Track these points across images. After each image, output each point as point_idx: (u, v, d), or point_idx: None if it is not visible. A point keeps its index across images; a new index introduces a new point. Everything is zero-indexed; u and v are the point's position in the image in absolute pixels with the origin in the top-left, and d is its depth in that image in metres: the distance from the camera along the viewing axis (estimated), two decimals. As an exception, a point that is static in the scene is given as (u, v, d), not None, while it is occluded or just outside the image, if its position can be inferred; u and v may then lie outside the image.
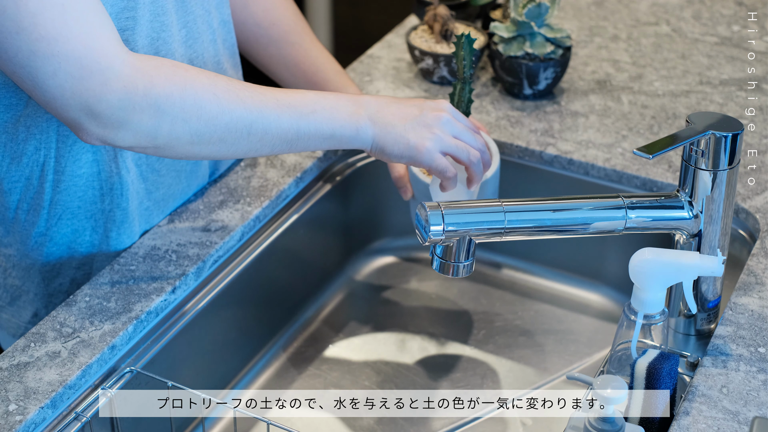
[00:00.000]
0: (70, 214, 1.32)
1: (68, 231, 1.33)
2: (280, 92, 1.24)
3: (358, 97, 1.27)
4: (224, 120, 1.19)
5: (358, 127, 1.26)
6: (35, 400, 1.14)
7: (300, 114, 1.23)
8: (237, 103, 1.20)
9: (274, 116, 1.22)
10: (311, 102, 1.24)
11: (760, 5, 1.94)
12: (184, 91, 1.16)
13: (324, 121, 1.24)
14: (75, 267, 1.36)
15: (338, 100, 1.26)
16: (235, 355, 1.45)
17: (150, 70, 1.15)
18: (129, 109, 1.14)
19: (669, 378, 1.16)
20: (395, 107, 1.27)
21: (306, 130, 1.24)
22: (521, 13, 1.61)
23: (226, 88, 1.20)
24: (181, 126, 1.17)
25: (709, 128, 1.19)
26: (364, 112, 1.26)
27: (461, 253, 1.17)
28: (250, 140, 1.22)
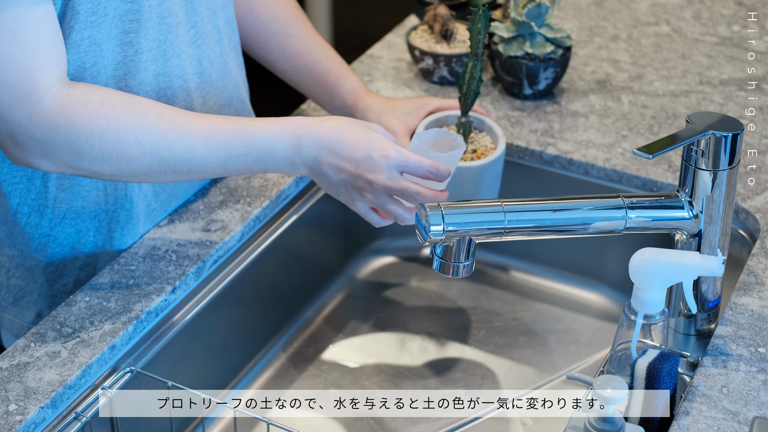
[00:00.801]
0: (74, 214, 1.32)
1: (72, 231, 1.33)
2: (212, 130, 1.21)
3: (299, 137, 1.22)
4: (146, 161, 1.19)
5: (292, 169, 1.25)
6: (35, 400, 1.14)
7: (230, 156, 1.21)
8: (161, 146, 1.18)
9: (200, 158, 1.20)
10: (244, 144, 1.21)
11: (760, 5, 1.94)
12: (104, 134, 1.16)
13: (255, 163, 1.23)
14: (79, 267, 1.36)
15: (275, 144, 1.22)
16: (235, 355, 1.45)
17: (76, 108, 1.15)
18: (50, 144, 1.15)
19: (669, 378, 1.16)
20: (333, 159, 1.23)
21: (235, 169, 1.23)
22: (521, 13, 1.61)
23: (152, 130, 1.18)
24: (101, 164, 1.18)
25: (709, 128, 1.19)
26: (300, 160, 1.23)
27: (461, 253, 1.17)
28: (176, 175, 1.22)
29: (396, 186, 1.23)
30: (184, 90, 1.33)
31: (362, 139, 1.23)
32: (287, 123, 1.23)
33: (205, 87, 1.37)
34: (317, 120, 1.24)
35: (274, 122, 1.23)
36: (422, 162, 1.24)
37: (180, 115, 1.21)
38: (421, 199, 1.23)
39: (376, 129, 1.26)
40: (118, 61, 1.24)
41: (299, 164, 1.23)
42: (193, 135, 1.20)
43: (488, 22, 1.40)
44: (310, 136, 1.22)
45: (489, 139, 1.49)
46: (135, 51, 1.24)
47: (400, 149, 1.23)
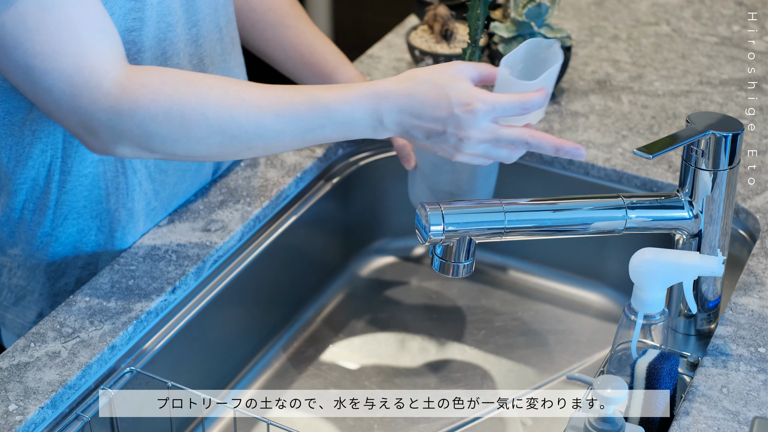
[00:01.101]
0: (75, 214, 1.32)
1: (74, 231, 1.33)
2: (283, 103, 1.16)
3: (376, 104, 1.16)
4: (217, 140, 1.16)
5: (375, 134, 1.19)
6: (35, 400, 1.14)
7: (305, 129, 1.17)
8: (230, 123, 1.15)
9: (274, 133, 1.17)
10: (319, 116, 1.16)
11: (760, 5, 1.94)
12: (168, 113, 1.14)
13: (334, 134, 1.18)
14: (80, 267, 1.36)
15: (352, 114, 1.16)
16: (235, 355, 1.45)
17: (136, 89, 1.14)
18: (118, 128, 1.14)
19: (669, 378, 1.16)
20: (417, 122, 1.17)
21: (314, 140, 1.19)
22: (521, 13, 1.61)
23: (218, 105, 1.15)
24: (173, 145, 1.16)
25: (709, 128, 1.19)
26: (381, 126, 1.17)
27: (461, 253, 1.17)
28: (254, 152, 1.19)
29: (490, 137, 1.16)
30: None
31: (442, 95, 1.15)
32: (361, 91, 1.17)
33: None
34: (392, 83, 1.17)
35: (348, 91, 1.17)
36: (511, 101, 1.16)
37: (247, 88, 1.17)
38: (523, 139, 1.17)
39: (457, 75, 1.17)
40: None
41: (382, 131, 1.18)
42: (263, 109, 1.16)
43: (487, 9, 1.38)
44: (388, 103, 1.16)
45: None
46: (138, 50, 1.24)
47: (485, 97, 1.15)
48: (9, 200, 1.31)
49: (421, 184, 1.47)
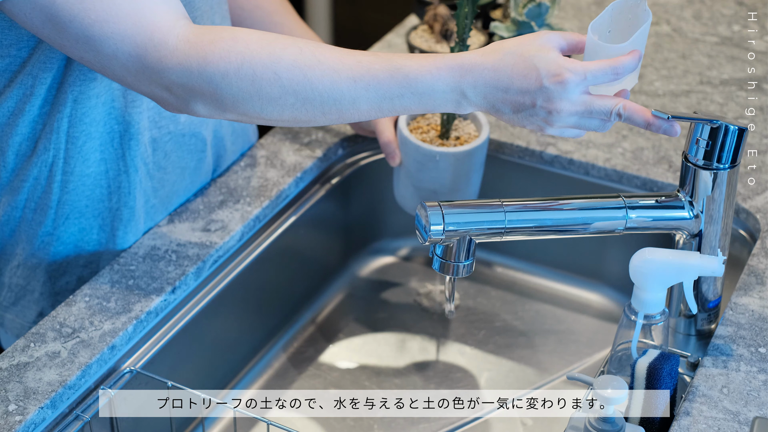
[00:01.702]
0: (77, 213, 1.32)
1: (75, 230, 1.33)
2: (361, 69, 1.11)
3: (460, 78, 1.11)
4: (289, 101, 1.12)
5: (458, 109, 1.14)
6: (35, 400, 1.14)
7: (383, 97, 1.12)
8: (303, 84, 1.11)
9: (349, 99, 1.12)
10: (398, 85, 1.11)
11: (760, 5, 1.94)
12: (239, 70, 1.11)
13: (413, 105, 1.13)
14: (82, 265, 1.36)
15: (434, 86, 1.11)
16: (235, 355, 1.45)
17: (205, 45, 1.11)
18: (189, 85, 1.12)
19: (669, 378, 1.16)
20: (504, 95, 1.11)
21: (391, 110, 1.13)
22: (521, 13, 1.61)
23: (292, 65, 1.11)
24: (244, 105, 1.13)
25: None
26: (465, 101, 1.12)
27: (461, 253, 1.17)
28: (327, 118, 1.15)
29: (582, 109, 1.11)
30: None
31: (530, 67, 1.09)
32: (444, 62, 1.12)
33: None
34: (477, 55, 1.12)
35: (431, 60, 1.12)
36: (602, 68, 1.11)
37: (324, 50, 1.12)
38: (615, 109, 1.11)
39: (545, 45, 1.12)
40: None
41: (466, 105, 1.13)
42: (339, 73, 1.11)
43: (475, 8, 1.38)
44: (472, 76, 1.11)
45: (473, 127, 1.49)
46: None
47: (575, 66, 1.10)
48: (11, 199, 1.31)
49: (406, 182, 1.47)
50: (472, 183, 1.48)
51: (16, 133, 1.26)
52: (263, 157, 1.53)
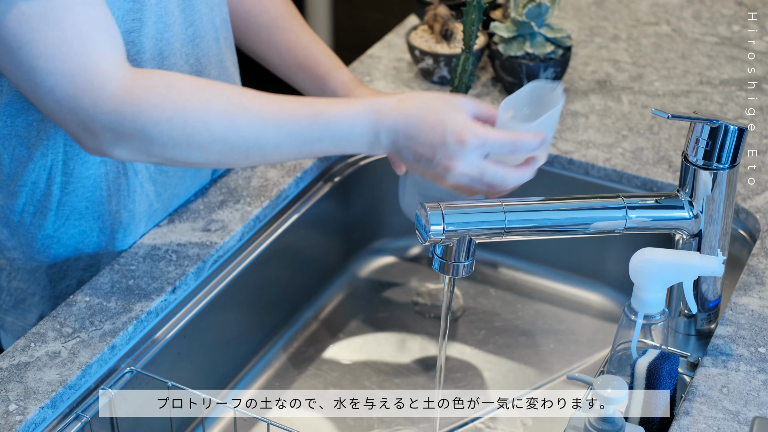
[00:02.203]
0: (77, 215, 1.32)
1: (76, 232, 1.33)
2: (285, 115, 1.17)
3: (375, 123, 1.17)
4: (217, 147, 1.16)
5: (371, 150, 1.20)
6: (35, 400, 1.14)
7: (304, 142, 1.18)
8: (231, 131, 1.15)
9: (274, 144, 1.17)
10: (320, 129, 1.17)
11: (760, 5, 1.94)
12: (172, 120, 1.13)
13: (331, 148, 1.19)
14: (82, 268, 1.36)
15: (351, 130, 1.17)
16: (235, 355, 1.45)
17: (141, 93, 1.13)
18: (119, 131, 1.14)
19: (669, 378, 1.16)
20: (410, 144, 1.17)
21: (309, 153, 1.19)
22: (521, 13, 1.61)
23: (222, 114, 1.15)
24: (173, 151, 1.16)
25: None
26: (377, 144, 1.18)
27: (461, 253, 1.17)
28: (250, 160, 1.20)
29: (474, 172, 1.16)
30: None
31: (439, 123, 1.15)
32: (364, 107, 1.18)
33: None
34: (395, 102, 1.18)
35: (351, 105, 1.18)
36: (502, 139, 1.15)
37: (251, 98, 1.17)
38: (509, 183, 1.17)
39: (457, 106, 1.18)
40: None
41: (377, 148, 1.19)
42: (265, 120, 1.16)
43: (481, 14, 1.39)
44: (387, 121, 1.17)
45: None
46: (137, 51, 1.24)
47: (477, 131, 1.15)
48: (8, 203, 1.31)
49: (412, 190, 1.48)
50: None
51: (16, 136, 1.26)
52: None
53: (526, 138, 1.16)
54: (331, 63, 1.50)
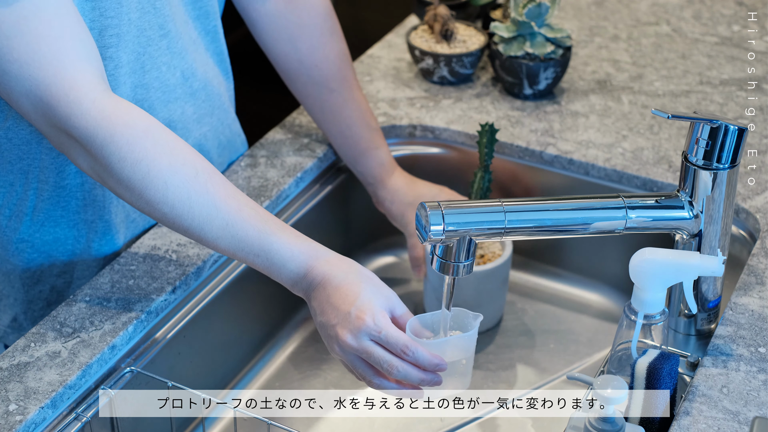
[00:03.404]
0: (52, 222, 1.31)
1: (50, 239, 1.32)
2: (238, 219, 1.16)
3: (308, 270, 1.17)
4: (163, 210, 1.15)
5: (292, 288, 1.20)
6: (35, 400, 1.14)
7: (241, 249, 1.17)
8: (184, 205, 1.14)
9: (213, 236, 1.16)
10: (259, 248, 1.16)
11: (760, 5, 1.94)
12: (137, 164, 1.13)
13: (260, 267, 1.18)
14: (56, 275, 1.35)
15: (285, 264, 1.17)
16: (235, 355, 1.45)
17: (118, 125, 1.12)
18: (86, 147, 1.13)
19: (669, 378, 1.16)
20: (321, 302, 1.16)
21: (242, 259, 1.19)
22: (521, 13, 1.61)
23: (182, 184, 1.14)
24: (123, 190, 1.15)
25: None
26: (299, 287, 1.18)
27: (461, 253, 1.17)
28: (185, 236, 1.19)
29: (361, 348, 1.13)
30: (162, 101, 1.32)
31: (355, 293, 1.15)
32: (308, 248, 1.18)
33: (186, 97, 1.36)
34: (335, 258, 1.18)
35: (297, 242, 1.18)
36: (398, 337, 1.12)
37: (215, 184, 1.16)
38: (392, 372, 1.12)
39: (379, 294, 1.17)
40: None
41: (298, 289, 1.19)
42: (219, 211, 1.15)
43: (494, 137, 1.46)
44: (319, 270, 1.17)
45: (498, 246, 1.50)
46: (115, 65, 1.24)
47: (379, 320, 1.13)
48: None
49: (431, 295, 1.51)
50: (495, 299, 1.51)
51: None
52: (263, 157, 1.53)
53: (421, 350, 1.12)
54: (372, 139, 1.49)
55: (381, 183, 1.50)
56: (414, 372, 1.13)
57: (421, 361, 1.12)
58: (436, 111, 1.65)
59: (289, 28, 1.44)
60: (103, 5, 1.20)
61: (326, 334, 1.17)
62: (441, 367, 1.13)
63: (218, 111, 1.44)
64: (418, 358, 1.12)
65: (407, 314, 1.17)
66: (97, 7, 1.20)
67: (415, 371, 1.13)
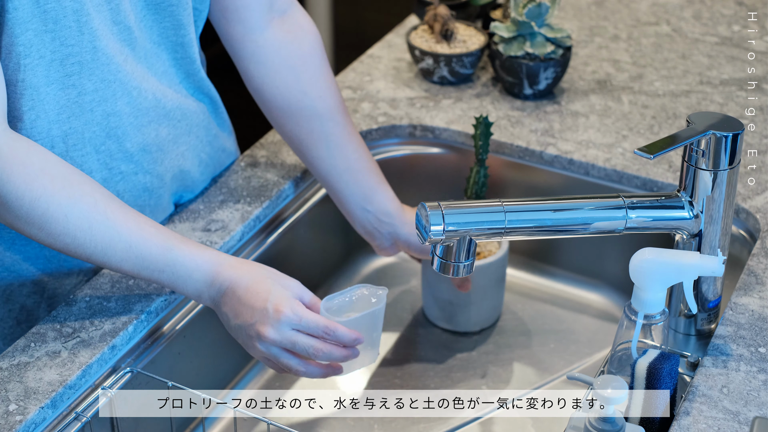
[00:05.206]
0: (23, 240, 1.30)
1: (19, 257, 1.32)
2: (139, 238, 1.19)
3: (214, 276, 1.20)
4: (66, 241, 1.17)
5: (198, 299, 1.23)
6: (35, 400, 1.14)
7: (145, 267, 1.20)
8: (85, 233, 1.17)
9: (117, 259, 1.19)
10: (163, 263, 1.20)
11: (760, 5, 1.94)
12: (35, 201, 1.15)
13: (167, 282, 1.21)
14: (26, 294, 1.34)
15: (191, 274, 1.20)
16: (235, 355, 1.45)
17: (15, 166, 1.14)
18: None
19: (669, 378, 1.16)
20: (234, 303, 1.20)
21: (146, 278, 1.22)
22: (521, 13, 1.61)
23: (82, 214, 1.17)
24: (23, 226, 1.17)
25: (710, 128, 1.19)
26: (207, 295, 1.21)
27: (461, 253, 1.17)
28: (88, 260, 1.21)
29: (285, 339, 1.17)
30: (136, 126, 1.31)
31: (266, 290, 1.18)
32: (211, 257, 1.21)
33: (160, 120, 1.34)
34: (238, 262, 1.22)
35: (200, 252, 1.21)
36: (317, 321, 1.17)
37: (114, 209, 1.19)
38: (318, 355, 1.18)
39: (286, 285, 1.21)
40: (61, 105, 1.23)
41: (206, 298, 1.22)
42: (120, 235, 1.19)
43: (489, 131, 1.45)
44: (225, 275, 1.20)
45: (494, 244, 1.50)
46: (78, 92, 1.23)
47: (296, 308, 1.17)
48: None
49: (427, 292, 1.52)
50: (491, 297, 1.50)
51: None
52: (263, 157, 1.53)
53: (340, 328, 1.18)
54: (379, 176, 1.42)
55: (399, 216, 1.41)
56: (336, 351, 1.18)
57: (342, 338, 1.18)
58: (436, 111, 1.65)
59: (291, 58, 1.38)
60: (63, 34, 1.19)
61: (245, 335, 1.20)
62: (359, 341, 1.19)
63: (196, 129, 1.40)
64: (338, 336, 1.17)
65: (315, 299, 1.22)
66: (57, 37, 1.19)
67: (337, 350, 1.18)
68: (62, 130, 1.24)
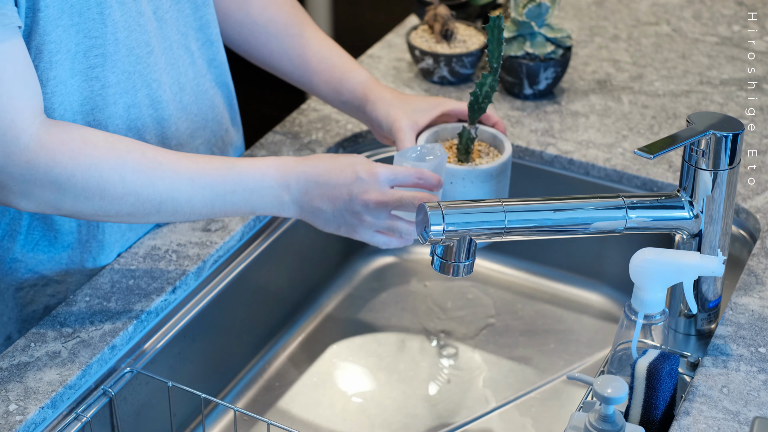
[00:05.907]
0: (46, 242, 1.31)
1: (44, 258, 1.32)
2: (198, 169, 1.20)
3: (285, 174, 1.22)
4: (130, 200, 1.17)
5: (281, 208, 1.23)
6: (35, 400, 1.14)
7: (216, 194, 1.20)
8: (146, 185, 1.17)
9: (186, 197, 1.19)
10: (232, 182, 1.20)
11: (760, 5, 1.95)
12: (87, 171, 1.15)
13: (243, 202, 1.22)
14: (49, 294, 1.34)
15: (262, 181, 1.21)
16: (235, 355, 1.45)
17: (56, 146, 1.14)
18: (30, 183, 1.14)
19: (669, 378, 1.16)
20: (324, 189, 1.22)
21: (222, 209, 1.21)
22: (521, 13, 1.61)
23: (136, 167, 1.17)
24: (84, 203, 1.16)
25: (710, 128, 1.19)
26: (288, 197, 1.22)
27: (461, 253, 1.17)
28: (161, 216, 1.21)
29: (391, 199, 1.21)
30: (155, 119, 1.32)
31: (347, 165, 1.22)
32: (273, 161, 1.23)
33: (178, 113, 1.35)
34: (300, 158, 1.23)
35: (260, 160, 1.23)
36: (409, 171, 1.23)
37: (164, 153, 1.19)
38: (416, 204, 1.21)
39: (357, 156, 1.24)
40: (84, 97, 1.23)
41: (288, 202, 1.22)
42: (178, 173, 1.19)
43: (502, 34, 1.35)
44: (296, 172, 1.22)
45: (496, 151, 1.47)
46: (102, 85, 1.24)
47: (385, 166, 1.22)
48: None
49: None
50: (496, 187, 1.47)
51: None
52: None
53: (427, 172, 1.24)
54: (346, 64, 1.48)
55: (366, 98, 1.45)
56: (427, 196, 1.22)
57: (430, 181, 1.24)
58: (436, 111, 1.65)
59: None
60: (87, 26, 1.20)
61: (350, 213, 1.22)
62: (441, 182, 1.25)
63: (211, 123, 1.43)
64: (429, 180, 1.23)
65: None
66: (81, 30, 1.20)
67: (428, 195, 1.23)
68: (86, 122, 1.25)
